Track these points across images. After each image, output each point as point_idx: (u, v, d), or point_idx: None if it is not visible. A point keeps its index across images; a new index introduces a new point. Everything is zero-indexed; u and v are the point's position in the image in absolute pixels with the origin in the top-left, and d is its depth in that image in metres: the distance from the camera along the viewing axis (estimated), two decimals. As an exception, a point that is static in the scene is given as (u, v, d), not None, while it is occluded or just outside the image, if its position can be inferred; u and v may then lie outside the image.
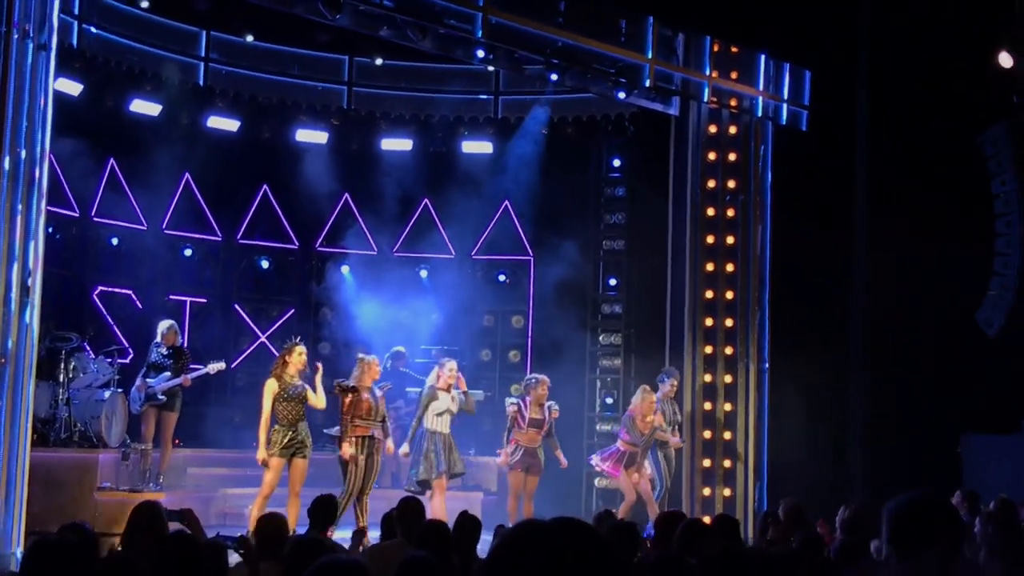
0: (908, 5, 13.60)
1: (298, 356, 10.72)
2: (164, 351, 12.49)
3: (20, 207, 8.67)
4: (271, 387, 10.61)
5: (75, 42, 13.37)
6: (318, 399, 10.81)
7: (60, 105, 9.88)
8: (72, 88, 13.10)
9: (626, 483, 12.22)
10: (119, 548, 6.27)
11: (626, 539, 5.85)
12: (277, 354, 11.48)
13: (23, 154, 8.71)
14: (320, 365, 10.97)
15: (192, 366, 12.64)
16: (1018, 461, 12.58)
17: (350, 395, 10.89)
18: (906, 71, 13.59)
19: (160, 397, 12.27)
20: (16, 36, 8.69)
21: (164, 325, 12.64)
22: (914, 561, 3.06)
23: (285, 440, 10.54)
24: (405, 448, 11.47)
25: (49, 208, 9.44)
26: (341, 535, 9.15)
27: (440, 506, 10.94)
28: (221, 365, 12.68)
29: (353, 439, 10.83)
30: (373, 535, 8.74)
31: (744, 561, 4.28)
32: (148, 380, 12.35)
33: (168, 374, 12.36)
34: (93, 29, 13.73)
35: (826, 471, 13.37)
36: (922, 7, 13.33)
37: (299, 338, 11.13)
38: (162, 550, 4.69)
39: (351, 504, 10.65)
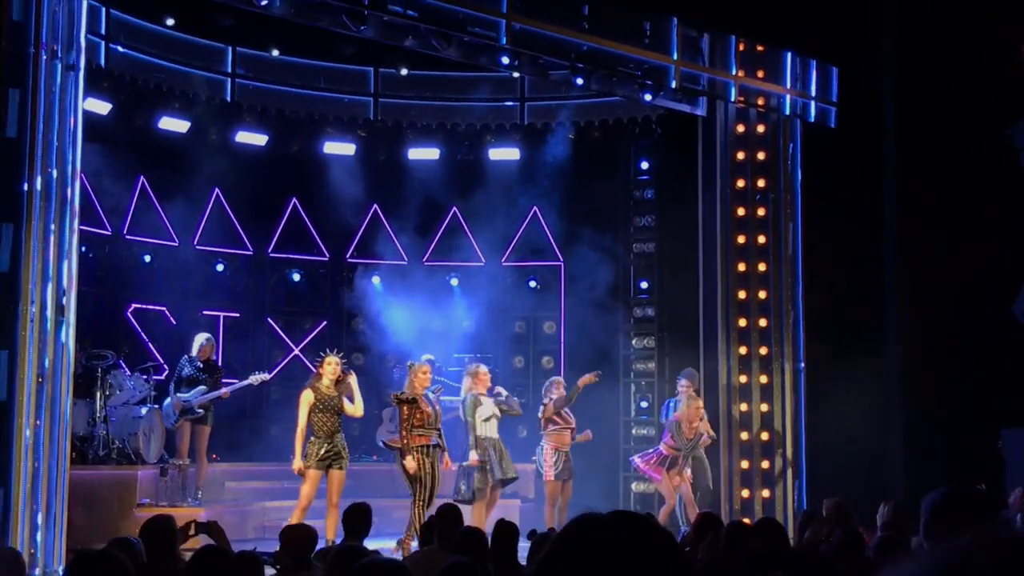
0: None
1: (327, 366, 10.74)
2: (199, 364, 12.56)
3: (53, 227, 8.72)
4: (307, 397, 10.65)
5: (103, 61, 13.45)
6: (356, 408, 10.82)
7: (89, 124, 9.95)
8: (101, 107, 13.17)
9: (667, 486, 12.16)
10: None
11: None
12: (311, 366, 11.50)
13: (54, 174, 8.76)
14: (352, 371, 10.91)
15: (224, 381, 12.70)
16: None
17: (407, 406, 10.85)
18: (931, 65, 13.48)
19: (198, 411, 12.34)
20: (45, 57, 8.73)
21: (202, 337, 12.71)
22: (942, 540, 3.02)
23: (321, 452, 10.56)
24: (474, 455, 11.21)
25: (81, 227, 9.49)
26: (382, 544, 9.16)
27: (484, 515, 10.89)
28: (265, 376, 12.72)
29: (417, 449, 10.78)
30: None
31: (783, 560, 4.24)
32: (180, 395, 12.41)
33: (204, 388, 12.42)
34: (120, 48, 13.80)
35: (865, 470, 13.25)
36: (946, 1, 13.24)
37: (336, 350, 11.14)
38: (192, 564, 4.71)
39: (425, 513, 10.43)
